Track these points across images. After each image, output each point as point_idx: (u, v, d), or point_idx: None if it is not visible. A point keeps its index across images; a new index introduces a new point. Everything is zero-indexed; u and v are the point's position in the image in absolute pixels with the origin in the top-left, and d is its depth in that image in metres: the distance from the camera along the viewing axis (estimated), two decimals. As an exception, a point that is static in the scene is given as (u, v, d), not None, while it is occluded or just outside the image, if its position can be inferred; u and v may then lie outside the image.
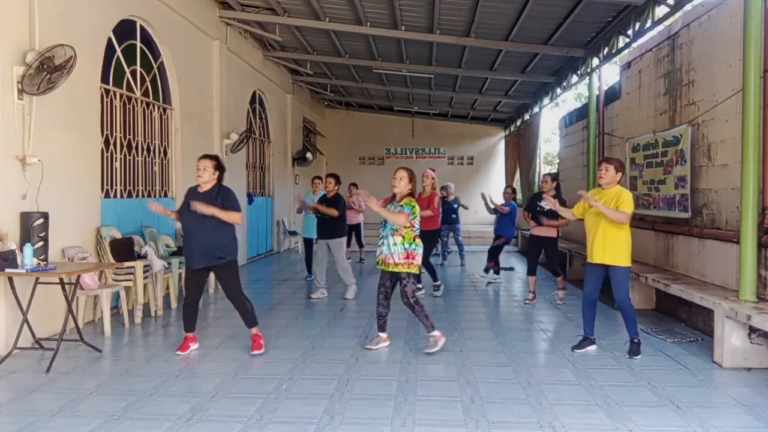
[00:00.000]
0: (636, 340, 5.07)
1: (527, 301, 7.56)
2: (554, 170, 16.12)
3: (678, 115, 6.94)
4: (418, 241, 5.08)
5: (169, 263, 6.87)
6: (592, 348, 5.21)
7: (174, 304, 7.05)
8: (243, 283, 9.06)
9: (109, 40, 6.80)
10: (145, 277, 6.41)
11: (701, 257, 6.23)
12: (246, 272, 10.39)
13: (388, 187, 5.24)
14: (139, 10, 7.40)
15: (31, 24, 5.28)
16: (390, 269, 5.05)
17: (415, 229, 5.06)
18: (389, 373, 4.54)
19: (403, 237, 5.02)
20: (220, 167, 5.04)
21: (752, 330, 4.67)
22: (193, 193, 4.97)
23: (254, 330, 5.16)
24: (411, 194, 5.13)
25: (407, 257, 5.01)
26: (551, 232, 7.50)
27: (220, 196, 4.92)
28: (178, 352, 5.04)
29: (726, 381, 4.42)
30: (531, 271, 7.65)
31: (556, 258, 7.77)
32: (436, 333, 5.13)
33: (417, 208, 5.06)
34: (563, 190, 10.53)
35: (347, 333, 5.86)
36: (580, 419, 3.63)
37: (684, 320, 6.36)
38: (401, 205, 5.03)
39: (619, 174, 5.03)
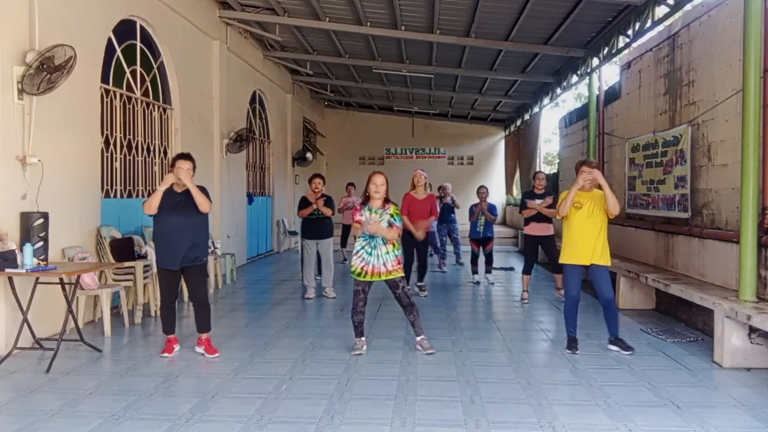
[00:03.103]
0: (620, 337, 5.21)
1: (524, 301, 7.57)
2: (555, 170, 16.11)
3: (678, 115, 6.94)
4: (398, 244, 5.21)
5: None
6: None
7: (174, 304, 7.04)
8: (243, 283, 9.19)
9: (109, 40, 6.80)
10: (145, 277, 6.41)
11: (701, 257, 6.23)
12: (246, 272, 10.40)
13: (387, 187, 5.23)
14: (139, 10, 7.40)
15: (31, 24, 5.28)
16: (383, 278, 5.07)
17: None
18: (389, 373, 4.54)
19: (394, 245, 5.11)
20: (195, 166, 5.03)
21: (752, 330, 4.67)
22: (173, 193, 4.87)
23: (208, 335, 5.10)
24: (388, 199, 5.18)
25: (398, 263, 5.12)
26: (548, 231, 7.55)
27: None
28: (165, 354, 5.00)
29: (726, 381, 4.42)
30: (527, 270, 7.71)
31: (556, 255, 7.74)
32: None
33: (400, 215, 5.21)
34: (563, 189, 10.54)
35: (347, 333, 5.84)
36: (580, 419, 3.63)
37: (684, 320, 6.36)
38: (391, 215, 5.07)
39: None
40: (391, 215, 5.08)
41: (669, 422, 3.60)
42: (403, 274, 5.17)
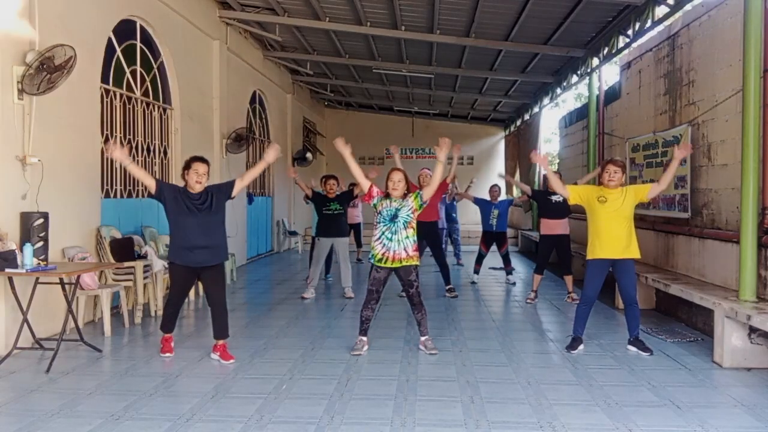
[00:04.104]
0: (639, 338, 5.22)
1: (528, 301, 7.54)
2: (554, 170, 16.11)
3: (678, 115, 6.95)
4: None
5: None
6: (581, 347, 5.21)
7: (174, 304, 7.04)
8: (243, 283, 9.19)
9: (109, 40, 6.80)
10: (145, 277, 6.41)
11: (701, 257, 6.23)
12: (246, 272, 10.40)
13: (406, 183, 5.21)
14: (139, 10, 7.40)
15: (31, 24, 5.28)
16: (404, 264, 5.01)
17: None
18: (389, 373, 4.54)
19: (414, 229, 5.05)
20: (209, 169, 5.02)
21: (752, 330, 4.67)
22: (187, 194, 4.80)
23: (224, 342, 4.98)
24: (407, 194, 5.15)
25: (415, 249, 5.06)
26: (564, 230, 7.49)
27: (217, 191, 4.91)
28: (167, 354, 4.98)
29: (726, 381, 4.42)
30: (539, 270, 7.62)
31: (570, 256, 7.73)
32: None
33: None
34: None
35: (347, 333, 5.86)
36: (580, 419, 3.63)
37: (684, 320, 6.36)
38: (415, 198, 5.04)
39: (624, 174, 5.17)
40: (415, 198, 5.04)
41: (669, 422, 3.60)
42: (418, 263, 5.11)
